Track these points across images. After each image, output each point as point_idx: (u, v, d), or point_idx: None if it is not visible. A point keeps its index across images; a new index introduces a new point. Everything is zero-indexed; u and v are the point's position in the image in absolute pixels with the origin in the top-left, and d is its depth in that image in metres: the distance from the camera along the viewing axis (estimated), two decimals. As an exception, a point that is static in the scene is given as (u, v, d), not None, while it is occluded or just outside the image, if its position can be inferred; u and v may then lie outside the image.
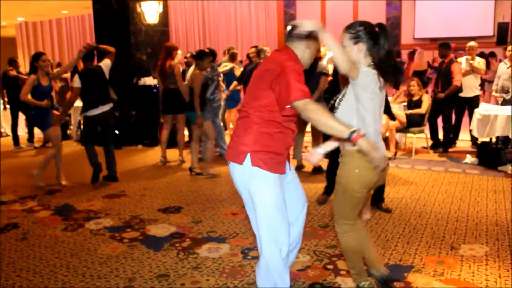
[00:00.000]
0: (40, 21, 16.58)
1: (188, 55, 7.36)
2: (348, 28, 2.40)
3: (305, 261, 3.33)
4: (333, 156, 4.06)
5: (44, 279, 3.17)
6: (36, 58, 5.32)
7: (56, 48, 16.72)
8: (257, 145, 2.33)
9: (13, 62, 8.47)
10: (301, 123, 5.32)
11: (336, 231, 2.60)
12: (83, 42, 16.48)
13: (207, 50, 6.25)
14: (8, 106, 8.85)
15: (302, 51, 2.40)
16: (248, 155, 2.33)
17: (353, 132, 2.08)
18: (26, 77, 8.34)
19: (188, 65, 7.28)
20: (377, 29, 2.39)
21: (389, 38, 2.37)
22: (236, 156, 2.38)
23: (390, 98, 6.81)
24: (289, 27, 2.42)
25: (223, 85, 7.66)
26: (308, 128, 6.05)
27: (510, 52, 6.85)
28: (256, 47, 7.74)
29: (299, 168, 5.93)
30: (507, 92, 6.92)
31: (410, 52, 10.98)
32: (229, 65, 7.96)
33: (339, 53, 2.20)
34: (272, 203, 2.35)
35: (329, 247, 3.55)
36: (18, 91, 7.96)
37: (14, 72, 8.20)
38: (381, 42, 2.35)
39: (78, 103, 8.97)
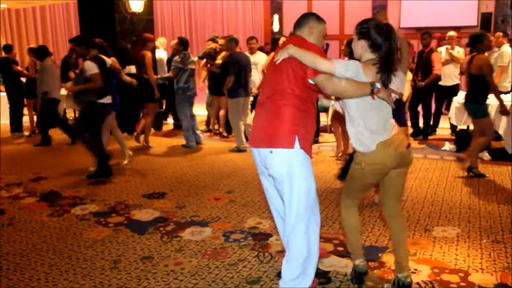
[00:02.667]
0: (23, 8, 16.37)
1: (173, 42, 7.40)
2: (358, 24, 2.54)
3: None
4: None
5: (31, 262, 3.25)
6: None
7: (40, 36, 16.54)
8: (299, 128, 2.48)
9: (9, 50, 8.28)
10: None
11: (340, 204, 2.83)
12: (67, 30, 16.35)
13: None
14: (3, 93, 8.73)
15: (307, 37, 2.63)
16: (296, 138, 2.45)
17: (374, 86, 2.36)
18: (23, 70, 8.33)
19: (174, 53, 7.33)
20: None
21: (392, 38, 2.44)
22: (280, 140, 2.46)
23: None
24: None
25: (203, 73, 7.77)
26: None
27: (494, 40, 7.00)
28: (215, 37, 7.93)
29: None
30: None
31: None
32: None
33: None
34: (313, 187, 2.58)
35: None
36: (13, 79, 7.96)
37: (18, 68, 8.11)
38: (381, 41, 2.44)
39: (63, 91, 8.98)
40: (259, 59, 7.26)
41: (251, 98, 6.86)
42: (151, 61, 6.73)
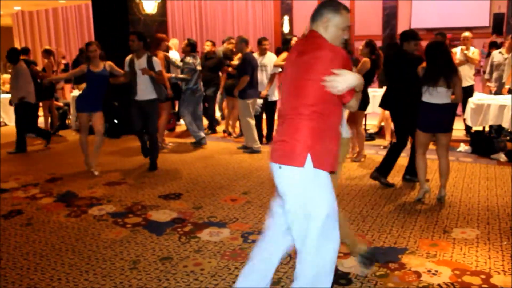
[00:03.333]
0: (37, 10, 16.53)
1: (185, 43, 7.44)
2: None
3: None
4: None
5: (51, 262, 3.28)
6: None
7: (53, 38, 16.68)
8: (315, 145, 2.17)
9: (26, 52, 8.35)
10: None
11: None
12: (79, 32, 16.48)
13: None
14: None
15: (323, 33, 2.26)
16: (309, 156, 2.14)
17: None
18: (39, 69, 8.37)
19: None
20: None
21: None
22: (291, 158, 2.17)
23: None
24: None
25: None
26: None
27: (509, 41, 6.96)
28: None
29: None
30: (502, 82, 7.04)
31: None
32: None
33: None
34: (331, 211, 2.25)
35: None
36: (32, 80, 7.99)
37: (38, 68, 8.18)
38: None
39: (76, 92, 9.04)
40: (267, 61, 7.23)
41: (261, 101, 6.87)
42: (164, 61, 6.77)
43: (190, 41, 7.02)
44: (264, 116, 7.10)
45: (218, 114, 9.19)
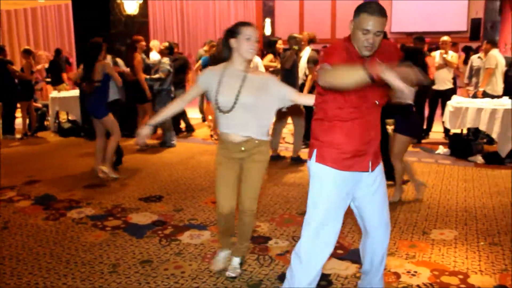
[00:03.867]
0: (15, 10, 16.23)
1: (164, 45, 7.43)
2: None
3: (284, 246, 3.45)
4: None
5: (28, 267, 3.21)
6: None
7: (32, 38, 16.41)
8: (316, 141, 2.33)
9: (1, 51, 8.20)
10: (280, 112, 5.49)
11: None
12: (59, 32, 16.23)
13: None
14: None
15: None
16: (315, 152, 2.31)
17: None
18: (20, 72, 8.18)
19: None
20: None
21: None
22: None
23: None
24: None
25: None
26: (289, 119, 6.18)
27: (485, 46, 7.11)
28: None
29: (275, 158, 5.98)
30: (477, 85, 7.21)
31: None
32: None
33: None
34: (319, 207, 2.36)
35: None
36: (8, 80, 7.83)
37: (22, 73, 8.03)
38: None
39: (55, 93, 8.91)
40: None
41: None
42: (140, 63, 6.80)
43: (171, 44, 7.17)
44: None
45: (199, 116, 9.18)
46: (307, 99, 2.77)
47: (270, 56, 6.99)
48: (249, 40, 2.68)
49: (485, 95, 6.82)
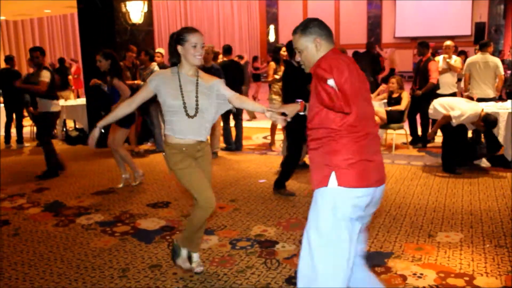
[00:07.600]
0: (22, 20, 16.45)
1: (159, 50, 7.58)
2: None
3: (291, 250, 3.49)
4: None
5: (39, 272, 3.27)
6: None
7: (38, 48, 16.61)
8: None
9: (10, 60, 8.32)
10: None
11: None
12: (65, 41, 16.42)
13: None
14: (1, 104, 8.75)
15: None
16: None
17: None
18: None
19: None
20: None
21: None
22: None
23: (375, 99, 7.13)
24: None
25: None
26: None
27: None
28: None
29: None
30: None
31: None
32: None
33: None
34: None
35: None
36: (13, 89, 7.93)
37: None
38: None
39: (62, 102, 9.01)
40: None
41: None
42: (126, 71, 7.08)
43: (149, 52, 7.23)
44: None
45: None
46: (249, 105, 2.99)
47: (272, 64, 7.08)
48: (195, 47, 2.76)
49: (478, 100, 6.81)
